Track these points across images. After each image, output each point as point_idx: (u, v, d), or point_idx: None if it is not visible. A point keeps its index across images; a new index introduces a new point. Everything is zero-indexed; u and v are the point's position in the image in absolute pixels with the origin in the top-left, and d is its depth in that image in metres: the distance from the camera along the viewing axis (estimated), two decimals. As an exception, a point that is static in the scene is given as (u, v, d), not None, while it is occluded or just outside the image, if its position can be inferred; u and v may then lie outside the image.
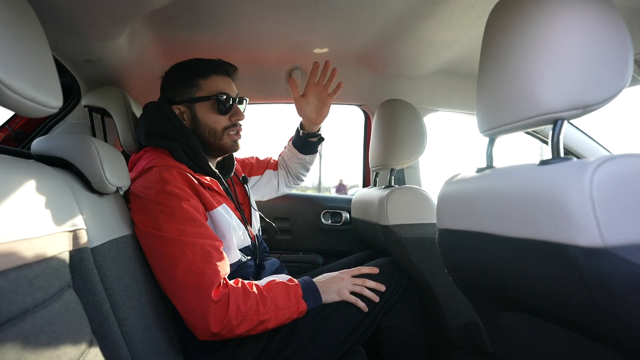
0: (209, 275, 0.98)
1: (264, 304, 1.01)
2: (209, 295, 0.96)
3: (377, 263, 1.31)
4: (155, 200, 1.02)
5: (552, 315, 0.61)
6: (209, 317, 0.95)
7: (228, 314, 0.96)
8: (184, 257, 0.98)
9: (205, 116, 1.20)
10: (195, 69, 1.20)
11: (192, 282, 0.97)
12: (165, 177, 1.05)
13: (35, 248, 0.55)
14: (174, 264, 0.98)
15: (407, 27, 1.26)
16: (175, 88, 1.21)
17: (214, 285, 0.97)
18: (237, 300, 0.98)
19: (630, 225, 0.45)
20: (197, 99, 1.19)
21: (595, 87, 0.56)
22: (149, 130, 1.19)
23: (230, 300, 0.97)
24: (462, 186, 0.77)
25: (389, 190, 1.32)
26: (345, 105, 1.96)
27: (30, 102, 0.55)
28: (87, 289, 0.71)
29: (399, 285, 1.25)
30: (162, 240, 0.99)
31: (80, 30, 1.03)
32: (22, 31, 0.56)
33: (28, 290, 0.51)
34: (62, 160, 0.85)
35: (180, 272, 0.97)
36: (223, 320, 0.96)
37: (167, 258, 0.99)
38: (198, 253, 0.99)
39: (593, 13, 0.57)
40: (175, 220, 1.00)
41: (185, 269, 0.97)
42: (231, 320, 0.97)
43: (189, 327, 0.99)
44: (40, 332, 0.51)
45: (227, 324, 0.97)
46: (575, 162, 0.52)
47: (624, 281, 0.45)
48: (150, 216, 1.01)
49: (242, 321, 0.98)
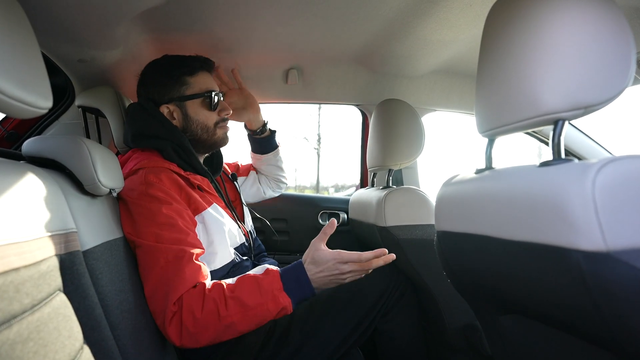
0: (175, 284, 0.91)
1: (226, 306, 0.90)
2: (169, 305, 0.89)
3: None
4: (137, 202, 1.00)
5: (553, 319, 0.60)
6: (168, 329, 0.89)
7: (183, 323, 0.89)
8: (157, 265, 0.93)
9: (196, 113, 1.19)
10: (182, 67, 1.18)
11: (160, 291, 0.92)
12: (150, 180, 1.03)
13: (23, 252, 0.53)
14: (146, 274, 0.94)
15: (405, 26, 1.25)
16: (162, 87, 1.18)
17: (176, 294, 0.90)
18: (192, 308, 0.89)
19: (633, 229, 0.44)
20: (188, 97, 1.18)
21: (597, 87, 0.55)
22: (136, 131, 1.16)
23: (184, 309, 0.89)
24: (461, 188, 0.76)
25: (387, 191, 1.31)
26: (342, 105, 1.95)
27: (19, 102, 0.53)
28: (78, 293, 0.70)
29: (396, 287, 1.24)
30: (140, 248, 0.96)
31: (73, 29, 1.01)
32: (10, 31, 0.54)
33: (15, 295, 0.50)
34: (54, 161, 0.83)
35: (150, 284, 0.93)
36: (181, 331, 0.89)
37: (143, 268, 0.95)
38: (171, 261, 0.93)
39: (594, 12, 0.56)
40: (153, 224, 0.97)
41: (156, 278, 0.93)
42: (189, 330, 0.89)
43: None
44: (28, 339, 0.50)
45: (187, 334, 0.89)
46: (576, 164, 0.51)
47: (627, 286, 0.44)
48: (131, 219, 0.99)
49: (202, 329, 0.89)
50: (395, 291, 1.23)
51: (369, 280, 1.19)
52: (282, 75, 1.68)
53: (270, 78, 1.69)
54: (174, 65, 1.19)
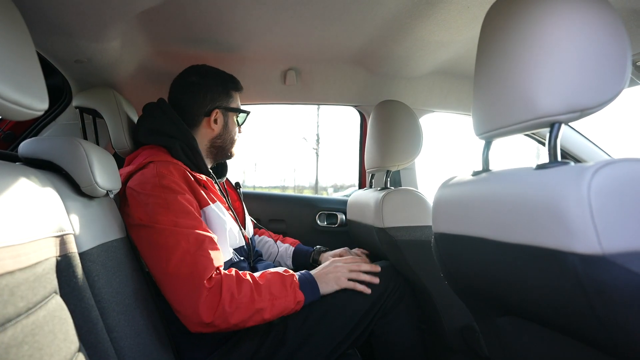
0: (202, 263, 0.96)
1: (259, 292, 0.99)
2: (202, 283, 0.94)
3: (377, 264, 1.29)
4: (151, 193, 1.03)
5: (550, 322, 0.60)
6: (200, 305, 0.93)
7: (221, 301, 0.94)
8: (179, 247, 0.97)
9: (232, 125, 1.32)
10: (232, 82, 1.31)
11: (185, 272, 0.95)
12: (162, 172, 1.06)
13: (19, 255, 0.53)
14: (168, 254, 0.97)
15: (403, 27, 1.25)
16: (212, 93, 1.28)
17: (207, 273, 0.96)
18: (231, 287, 0.96)
19: (629, 232, 0.44)
20: (232, 109, 1.31)
21: (593, 90, 0.55)
22: (150, 127, 1.21)
23: (224, 287, 0.95)
24: (458, 190, 0.76)
25: (385, 192, 1.31)
26: (341, 106, 1.95)
27: (14, 105, 0.53)
28: (74, 296, 0.70)
29: (395, 289, 1.24)
30: (157, 232, 0.99)
31: (69, 30, 1.01)
32: (5, 31, 0.54)
33: (10, 299, 0.49)
34: (50, 163, 0.83)
35: (173, 263, 0.96)
36: (216, 308, 0.94)
37: (162, 248, 0.98)
38: (192, 243, 0.98)
39: (590, 14, 0.56)
40: (170, 212, 1.01)
41: (179, 258, 0.96)
42: (225, 308, 0.94)
43: (182, 320, 0.97)
44: (23, 342, 0.50)
45: (221, 312, 0.94)
46: (572, 167, 0.51)
47: (623, 289, 0.44)
48: (147, 210, 1.01)
49: (236, 309, 0.96)
50: (394, 293, 1.23)
51: (367, 282, 1.19)
52: (280, 76, 1.67)
53: (268, 79, 1.69)
54: (226, 78, 1.31)
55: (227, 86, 1.30)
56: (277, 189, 19.78)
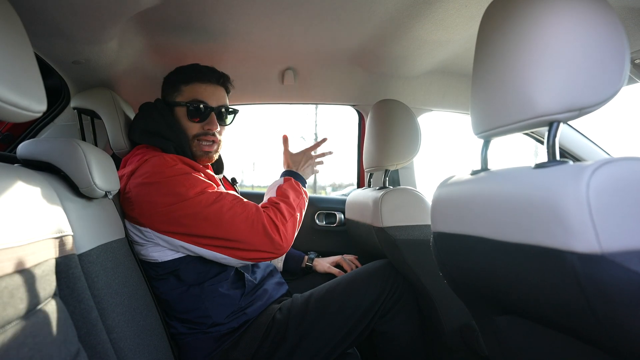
0: (250, 206, 1.11)
1: (291, 206, 1.20)
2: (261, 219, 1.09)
3: (372, 266, 1.30)
4: (167, 180, 1.05)
5: (549, 321, 0.61)
6: (272, 235, 1.09)
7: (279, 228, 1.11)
8: (221, 203, 1.07)
9: (180, 121, 1.22)
10: (182, 74, 1.24)
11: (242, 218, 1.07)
12: (169, 161, 1.08)
13: (18, 257, 0.53)
14: (217, 212, 1.05)
15: (401, 26, 1.25)
16: (165, 89, 1.26)
17: (259, 212, 1.11)
18: (277, 215, 1.14)
19: (628, 231, 0.44)
20: (175, 103, 1.22)
21: (591, 89, 0.55)
22: (144, 128, 1.20)
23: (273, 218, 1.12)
24: (457, 189, 0.76)
25: (384, 191, 1.31)
26: (339, 105, 1.95)
27: (12, 106, 0.53)
28: (74, 297, 0.70)
29: (394, 289, 1.24)
30: (193, 202, 1.05)
31: (67, 31, 1.01)
32: (2, 33, 0.54)
33: (10, 301, 0.49)
34: (49, 164, 0.83)
35: (226, 214, 1.06)
36: (280, 234, 1.10)
37: (208, 210, 1.05)
38: (228, 197, 1.09)
39: (589, 13, 0.56)
40: (195, 186, 1.06)
41: (229, 209, 1.07)
42: (285, 233, 1.12)
43: (261, 257, 1.10)
44: (23, 344, 0.49)
45: (284, 236, 1.12)
46: (571, 166, 0.51)
47: (622, 288, 0.44)
48: (170, 194, 1.04)
49: (290, 228, 1.15)
50: (393, 293, 1.23)
51: (367, 282, 1.19)
52: (278, 76, 1.67)
53: (266, 79, 1.68)
54: (180, 71, 1.25)
55: (173, 79, 1.24)
56: (276, 188, 19.64)
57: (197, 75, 1.22)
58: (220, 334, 1.10)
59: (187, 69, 1.24)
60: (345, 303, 1.18)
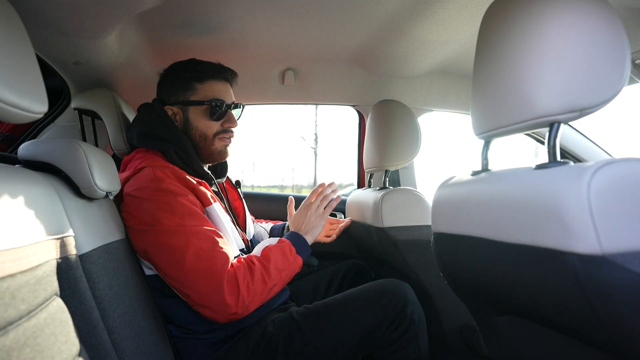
0: (219, 257, 0.99)
1: (268, 273, 1.04)
2: (223, 276, 0.97)
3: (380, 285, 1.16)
4: (152, 198, 1.00)
5: (549, 321, 0.61)
6: (226, 296, 0.96)
7: (240, 292, 0.98)
8: (191, 245, 0.97)
9: (197, 120, 1.19)
10: (193, 71, 1.18)
11: (203, 267, 0.96)
12: (159, 176, 1.03)
13: (19, 258, 0.53)
14: (181, 252, 0.97)
15: (401, 26, 1.25)
16: (171, 88, 1.20)
17: (225, 266, 0.98)
18: (245, 277, 1.00)
19: (629, 232, 0.44)
20: (192, 102, 1.18)
21: (592, 89, 0.55)
22: (142, 131, 1.17)
23: (239, 278, 0.98)
24: (457, 190, 0.76)
25: (384, 192, 1.31)
26: (339, 105, 1.95)
27: (13, 107, 0.53)
28: (75, 298, 0.70)
29: (402, 317, 1.10)
30: (166, 233, 0.98)
31: (68, 32, 1.01)
32: (3, 34, 0.54)
33: (11, 302, 0.49)
34: (50, 165, 0.83)
35: (189, 259, 0.96)
36: (237, 299, 0.97)
37: (174, 248, 0.97)
38: (203, 240, 0.99)
39: (589, 13, 0.56)
40: (175, 215, 0.99)
41: (194, 254, 0.97)
42: (245, 298, 0.98)
43: (210, 314, 0.97)
44: (25, 345, 0.50)
45: (242, 302, 0.98)
46: (572, 167, 0.51)
47: (622, 289, 0.44)
48: (149, 215, 1.00)
49: (253, 296, 1.00)
50: (400, 322, 1.10)
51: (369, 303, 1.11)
52: (278, 76, 1.67)
53: (266, 79, 1.69)
54: (188, 68, 1.19)
55: (183, 77, 1.19)
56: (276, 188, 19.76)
57: (212, 72, 1.19)
58: (214, 341, 1.09)
59: (197, 66, 1.19)
60: (341, 327, 1.09)
